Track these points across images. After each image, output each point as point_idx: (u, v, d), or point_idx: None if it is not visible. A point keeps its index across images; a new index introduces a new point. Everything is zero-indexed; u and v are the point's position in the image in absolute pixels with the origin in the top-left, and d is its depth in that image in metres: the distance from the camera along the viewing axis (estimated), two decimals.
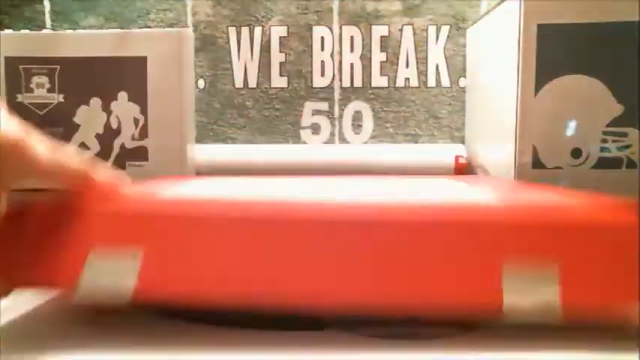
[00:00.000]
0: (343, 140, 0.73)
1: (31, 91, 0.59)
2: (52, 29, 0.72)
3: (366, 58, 0.71)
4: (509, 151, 0.49)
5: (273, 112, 0.73)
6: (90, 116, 0.59)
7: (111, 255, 0.23)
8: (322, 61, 0.72)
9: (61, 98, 0.59)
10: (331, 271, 0.22)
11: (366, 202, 0.25)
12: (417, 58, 0.71)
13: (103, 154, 0.59)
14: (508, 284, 0.21)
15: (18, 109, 0.58)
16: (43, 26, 0.72)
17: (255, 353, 0.22)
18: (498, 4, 0.53)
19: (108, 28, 0.71)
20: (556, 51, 0.47)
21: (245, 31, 0.72)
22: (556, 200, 0.26)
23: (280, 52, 0.72)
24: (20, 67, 0.59)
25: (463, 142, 0.69)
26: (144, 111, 0.58)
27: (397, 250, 0.22)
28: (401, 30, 0.71)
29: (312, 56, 0.72)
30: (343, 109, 0.72)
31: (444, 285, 0.22)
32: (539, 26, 0.47)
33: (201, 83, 0.72)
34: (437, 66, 0.71)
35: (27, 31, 0.69)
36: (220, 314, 0.24)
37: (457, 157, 0.64)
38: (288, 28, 0.71)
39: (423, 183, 0.38)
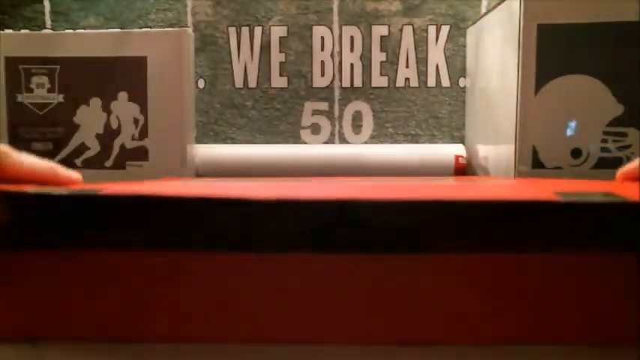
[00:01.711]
0: (343, 140, 0.72)
1: (31, 91, 0.59)
2: (52, 29, 0.72)
3: (366, 58, 0.71)
4: (509, 151, 0.49)
5: (273, 112, 0.73)
6: (90, 116, 0.59)
7: None
8: (322, 61, 0.72)
9: (61, 98, 0.59)
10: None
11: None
12: (417, 58, 0.71)
13: (103, 154, 0.59)
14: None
15: (18, 109, 0.59)
16: (43, 26, 0.72)
17: (250, 355, 0.22)
18: (498, 4, 0.53)
19: (108, 28, 0.71)
20: (556, 51, 0.47)
21: (245, 31, 0.72)
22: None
23: (280, 52, 0.72)
24: (20, 67, 0.59)
25: (463, 142, 0.69)
26: (144, 111, 0.58)
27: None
28: (401, 30, 0.71)
29: (312, 56, 0.72)
30: (343, 109, 0.72)
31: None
32: (539, 26, 0.47)
33: (201, 83, 0.72)
34: (437, 66, 0.71)
35: (27, 31, 0.69)
36: None
37: (457, 157, 0.64)
38: (288, 28, 0.71)
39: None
